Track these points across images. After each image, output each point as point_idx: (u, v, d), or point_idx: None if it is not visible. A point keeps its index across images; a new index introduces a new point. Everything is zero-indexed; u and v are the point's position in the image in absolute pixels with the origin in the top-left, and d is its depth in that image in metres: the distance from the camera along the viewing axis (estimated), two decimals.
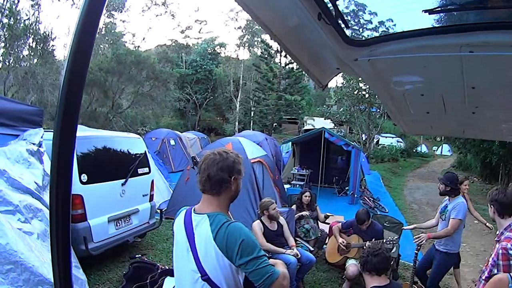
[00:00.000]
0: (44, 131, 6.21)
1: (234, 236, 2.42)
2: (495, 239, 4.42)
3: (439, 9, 2.17)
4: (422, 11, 2.06)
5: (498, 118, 3.33)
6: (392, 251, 7.04)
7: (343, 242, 7.38)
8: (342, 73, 2.93)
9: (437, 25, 2.31)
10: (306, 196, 8.95)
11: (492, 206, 4.43)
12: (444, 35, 2.11)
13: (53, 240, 1.07)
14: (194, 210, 2.71)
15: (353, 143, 18.22)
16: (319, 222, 9.11)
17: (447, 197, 6.65)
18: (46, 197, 5.50)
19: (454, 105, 3.08)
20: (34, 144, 5.73)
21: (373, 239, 7.11)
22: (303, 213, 8.63)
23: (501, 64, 2.20)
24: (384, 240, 6.98)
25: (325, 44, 2.31)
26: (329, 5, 2.02)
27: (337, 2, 2.04)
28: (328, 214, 9.16)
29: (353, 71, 2.72)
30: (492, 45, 1.99)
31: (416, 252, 6.38)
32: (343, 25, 2.17)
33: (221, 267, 2.45)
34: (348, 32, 2.26)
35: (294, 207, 8.84)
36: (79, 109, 1.04)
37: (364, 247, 6.97)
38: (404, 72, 2.64)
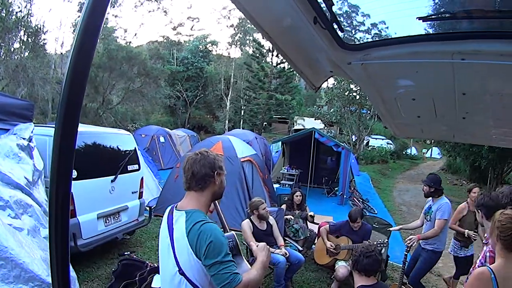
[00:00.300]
0: (34, 125, 6.19)
1: (205, 236, 2.47)
2: (483, 242, 4.49)
3: (433, 17, 2.19)
4: (416, 18, 2.09)
5: (487, 123, 3.36)
6: (382, 251, 7.09)
7: (332, 246, 7.41)
8: (335, 76, 2.95)
9: (430, 32, 2.33)
10: (297, 196, 8.96)
11: (479, 211, 4.51)
12: (437, 42, 2.13)
13: (52, 239, 1.07)
14: (176, 206, 2.81)
15: (343, 144, 18.26)
16: (308, 222, 9.11)
17: (431, 198, 6.80)
18: (36, 192, 5.49)
19: (445, 110, 3.11)
20: (24, 139, 5.70)
21: (363, 241, 7.17)
22: (288, 216, 8.63)
23: (491, 72, 2.23)
24: (375, 243, 7.02)
25: (319, 47, 2.33)
26: (325, 8, 2.04)
27: (333, 7, 2.06)
28: (312, 214, 9.16)
29: (346, 74, 2.74)
30: (484, 53, 2.01)
31: (406, 253, 6.44)
32: (337, 29, 2.19)
33: (191, 263, 2.51)
34: (341, 34, 2.28)
35: (284, 206, 8.85)
36: (80, 107, 1.04)
37: (353, 249, 7.04)
38: (396, 77, 2.66)
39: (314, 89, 3.15)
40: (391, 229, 8.01)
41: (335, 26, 2.17)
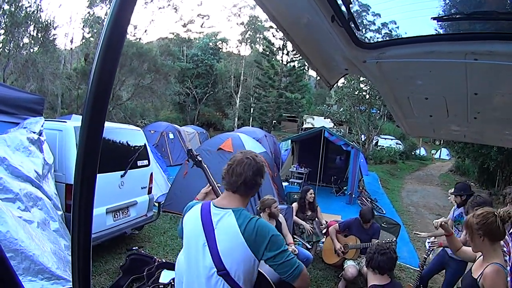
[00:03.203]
0: (44, 120, 6.21)
1: (264, 230, 2.55)
2: None
3: (447, 17, 2.20)
4: (431, 18, 2.09)
5: (499, 124, 3.37)
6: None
7: (341, 248, 7.40)
8: (350, 73, 2.97)
9: (443, 32, 2.34)
10: (311, 194, 8.72)
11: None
12: (451, 42, 2.14)
13: (74, 238, 1.07)
14: (214, 204, 2.76)
15: (352, 143, 18.22)
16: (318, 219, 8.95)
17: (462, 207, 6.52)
18: (46, 186, 5.51)
19: (457, 109, 3.13)
20: (34, 132, 5.73)
21: (372, 239, 7.16)
22: (307, 227, 8.43)
23: (503, 73, 2.25)
24: (383, 242, 6.99)
25: (336, 45, 2.35)
26: (342, 7, 2.05)
27: (350, 5, 2.07)
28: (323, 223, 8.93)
29: (361, 73, 2.76)
30: (497, 54, 2.03)
31: (426, 257, 6.30)
32: (354, 28, 2.20)
33: (245, 261, 2.53)
34: (357, 33, 2.28)
35: (295, 206, 8.67)
36: (107, 104, 1.02)
37: (362, 248, 7.05)
38: (410, 76, 2.67)
39: (329, 87, 3.18)
40: (421, 235, 7.95)
41: (352, 25, 2.17)
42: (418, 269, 6.44)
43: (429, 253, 6.30)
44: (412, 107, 3.26)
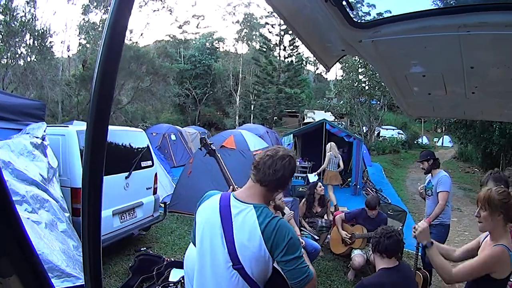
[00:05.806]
0: (47, 126, 6.24)
1: (283, 232, 2.49)
2: None
3: None
4: None
5: (497, 98, 3.39)
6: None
7: (347, 236, 7.44)
8: (347, 54, 2.98)
9: (435, 7, 2.36)
10: (320, 187, 8.62)
11: None
12: (443, 16, 2.16)
13: (84, 240, 1.09)
14: (235, 196, 2.72)
15: (354, 135, 18.23)
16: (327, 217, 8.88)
17: (430, 174, 6.97)
18: (51, 189, 5.54)
19: (454, 85, 3.14)
20: (37, 137, 5.76)
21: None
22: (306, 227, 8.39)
23: (497, 44, 2.28)
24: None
25: (331, 26, 2.36)
26: None
27: None
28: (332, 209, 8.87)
29: (358, 53, 2.78)
30: (489, 25, 2.05)
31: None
32: (347, 7, 2.22)
33: (260, 259, 2.50)
34: (351, 13, 2.30)
35: (303, 205, 8.58)
36: (111, 105, 1.04)
37: (368, 237, 7.06)
38: (405, 53, 2.68)
39: (327, 69, 3.20)
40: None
41: (345, 5, 2.19)
42: (415, 251, 6.55)
43: None
44: (410, 86, 3.28)
